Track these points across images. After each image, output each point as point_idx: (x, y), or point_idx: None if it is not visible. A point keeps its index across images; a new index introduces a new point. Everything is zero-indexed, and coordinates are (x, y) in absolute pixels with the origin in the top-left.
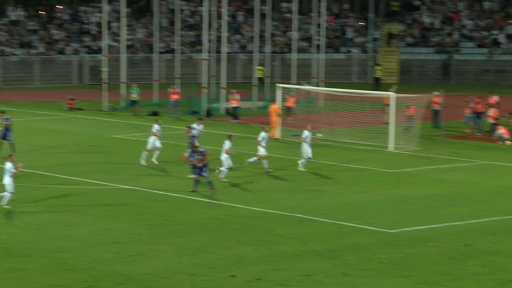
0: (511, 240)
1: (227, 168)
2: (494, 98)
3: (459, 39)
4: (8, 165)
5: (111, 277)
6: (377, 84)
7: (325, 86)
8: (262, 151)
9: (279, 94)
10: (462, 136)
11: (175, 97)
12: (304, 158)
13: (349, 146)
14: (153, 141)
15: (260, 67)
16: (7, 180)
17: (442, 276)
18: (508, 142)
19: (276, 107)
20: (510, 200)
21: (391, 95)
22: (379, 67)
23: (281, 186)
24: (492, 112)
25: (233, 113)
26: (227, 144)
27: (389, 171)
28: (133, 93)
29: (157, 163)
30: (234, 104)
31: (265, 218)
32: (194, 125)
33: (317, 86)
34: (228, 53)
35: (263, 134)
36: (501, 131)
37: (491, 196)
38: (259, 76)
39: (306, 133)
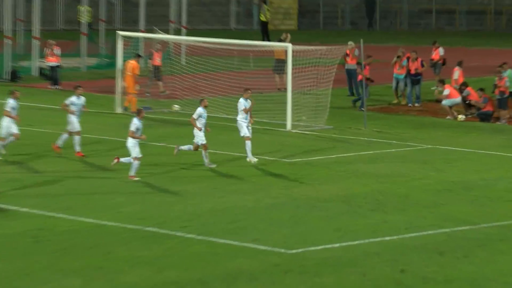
0: (467, 262)
1: (135, 158)
2: (439, 52)
3: None
4: None
5: None
6: (265, 32)
7: (189, 35)
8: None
9: (120, 46)
10: (391, 108)
11: None
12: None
13: (224, 124)
14: (7, 125)
15: (87, 7)
16: None
17: None
18: (461, 117)
19: (134, 64)
20: (465, 203)
21: (287, 47)
22: (267, 7)
23: (124, 186)
24: (458, 74)
25: (51, 75)
26: (134, 124)
27: (287, 161)
28: None
29: (4, 152)
30: (52, 62)
31: (99, 234)
32: (73, 98)
33: (177, 34)
34: None
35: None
36: (448, 91)
37: (436, 197)
38: (88, 21)
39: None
